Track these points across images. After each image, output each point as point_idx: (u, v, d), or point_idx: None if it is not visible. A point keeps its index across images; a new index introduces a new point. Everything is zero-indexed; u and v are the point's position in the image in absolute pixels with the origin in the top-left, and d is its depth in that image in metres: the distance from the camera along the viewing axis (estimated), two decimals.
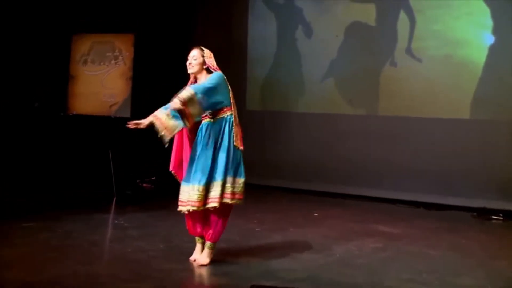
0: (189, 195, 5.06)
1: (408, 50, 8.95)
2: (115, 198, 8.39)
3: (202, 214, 5.14)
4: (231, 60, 10.16)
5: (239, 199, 5.12)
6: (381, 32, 9.22)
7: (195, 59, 5.14)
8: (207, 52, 5.21)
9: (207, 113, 5.07)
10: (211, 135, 5.06)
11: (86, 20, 10.22)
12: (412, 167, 8.87)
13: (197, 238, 5.34)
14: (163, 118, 4.95)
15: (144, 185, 9.20)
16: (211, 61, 5.19)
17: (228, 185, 5.05)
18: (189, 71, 5.18)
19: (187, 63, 5.18)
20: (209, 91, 4.98)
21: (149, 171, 9.46)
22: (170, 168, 5.34)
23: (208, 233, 5.23)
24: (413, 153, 8.91)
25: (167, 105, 4.98)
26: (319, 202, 8.82)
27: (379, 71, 9.21)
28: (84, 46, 10.46)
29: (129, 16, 10.10)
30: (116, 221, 7.02)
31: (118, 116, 9.90)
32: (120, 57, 10.15)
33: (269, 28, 10.18)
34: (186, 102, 4.86)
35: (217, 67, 5.23)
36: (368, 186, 9.15)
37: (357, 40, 9.43)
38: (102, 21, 10.17)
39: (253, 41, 10.36)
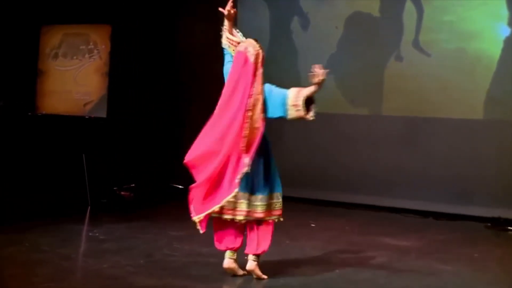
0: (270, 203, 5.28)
1: (416, 43, 8.95)
2: (89, 207, 8.35)
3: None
4: (219, 55, 10.01)
5: None
6: (386, 24, 9.22)
7: None
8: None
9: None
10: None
11: (56, 10, 10.17)
12: (420, 173, 8.88)
13: (229, 252, 5.33)
14: None
15: (122, 193, 9.19)
16: None
17: None
18: None
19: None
20: None
21: (127, 178, 9.44)
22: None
23: (253, 244, 5.32)
24: (421, 158, 8.91)
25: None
26: (317, 211, 8.82)
27: (384, 66, 9.21)
28: (54, 38, 10.44)
29: (105, 5, 10.05)
30: (90, 233, 6.97)
31: (92, 116, 9.89)
32: (95, 51, 10.14)
33: (261, 19, 10.12)
34: None
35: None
36: (371, 194, 9.16)
37: (359, 33, 9.42)
38: (74, 11, 10.13)
39: (242, 34, 10.21)
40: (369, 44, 9.32)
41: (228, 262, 5.28)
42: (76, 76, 10.23)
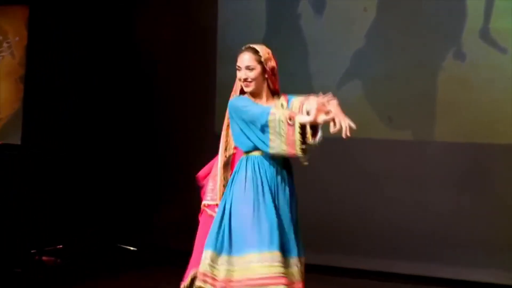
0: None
1: (484, 33, 8.79)
2: None
3: None
4: (193, 55, 10.34)
5: None
6: (439, 4, 9.09)
7: (250, 70, 5.36)
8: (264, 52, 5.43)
9: None
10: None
11: None
12: (492, 228, 8.70)
13: None
14: None
15: (44, 258, 9.27)
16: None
17: None
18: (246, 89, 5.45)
19: (242, 80, 5.38)
20: None
21: (52, 236, 9.56)
22: None
23: None
24: (493, 205, 8.75)
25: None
26: (335, 285, 8.66)
27: (436, 68, 9.13)
28: None
29: None
30: None
31: (0, 142, 9.72)
32: (5, 45, 10.05)
33: (253, 3, 10.17)
34: None
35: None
36: (415, 259, 9.08)
37: (397, 18, 9.41)
38: None
39: (226, 25, 10.34)
40: (413, 35, 9.20)
41: None
42: None
